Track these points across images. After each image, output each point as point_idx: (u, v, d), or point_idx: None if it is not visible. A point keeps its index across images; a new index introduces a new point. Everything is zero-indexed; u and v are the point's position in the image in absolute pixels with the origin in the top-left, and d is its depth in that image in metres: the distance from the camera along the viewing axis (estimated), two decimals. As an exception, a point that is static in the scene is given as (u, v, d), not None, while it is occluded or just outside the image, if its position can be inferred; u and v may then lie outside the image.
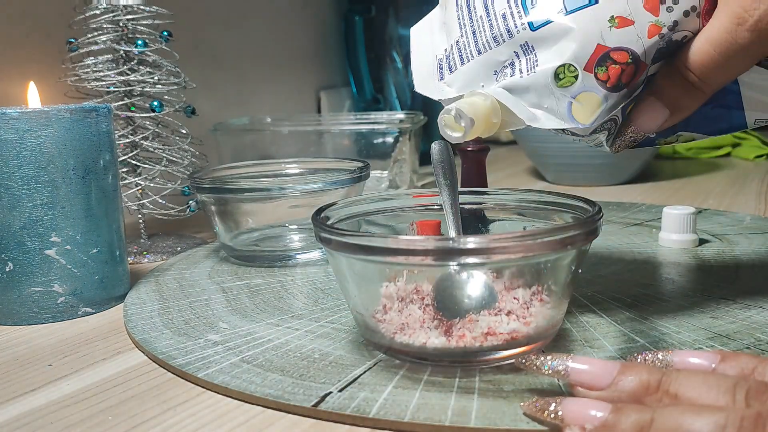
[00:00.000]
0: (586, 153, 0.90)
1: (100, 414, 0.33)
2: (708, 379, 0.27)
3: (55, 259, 0.46)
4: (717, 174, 0.99)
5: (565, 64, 0.35)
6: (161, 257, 0.62)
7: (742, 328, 0.39)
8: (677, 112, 0.37)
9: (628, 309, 0.43)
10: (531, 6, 0.36)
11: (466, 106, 0.37)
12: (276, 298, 0.48)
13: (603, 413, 0.27)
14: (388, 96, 1.21)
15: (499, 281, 0.37)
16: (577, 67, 0.35)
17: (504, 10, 0.37)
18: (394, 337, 0.35)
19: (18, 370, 0.39)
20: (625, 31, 0.34)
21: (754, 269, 0.51)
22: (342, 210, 0.42)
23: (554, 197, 0.42)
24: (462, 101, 0.37)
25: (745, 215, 0.68)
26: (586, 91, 0.35)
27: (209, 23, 1.00)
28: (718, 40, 0.34)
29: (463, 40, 0.39)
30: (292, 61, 1.17)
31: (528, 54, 0.36)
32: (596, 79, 0.35)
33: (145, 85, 0.62)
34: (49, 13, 0.76)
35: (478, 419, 0.30)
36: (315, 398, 0.33)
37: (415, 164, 0.93)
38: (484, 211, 0.45)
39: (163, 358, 0.38)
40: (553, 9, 0.35)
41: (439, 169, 0.43)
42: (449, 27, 0.41)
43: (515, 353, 0.34)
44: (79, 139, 0.46)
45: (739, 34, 0.33)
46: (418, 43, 0.43)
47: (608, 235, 0.62)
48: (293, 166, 0.65)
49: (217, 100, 1.00)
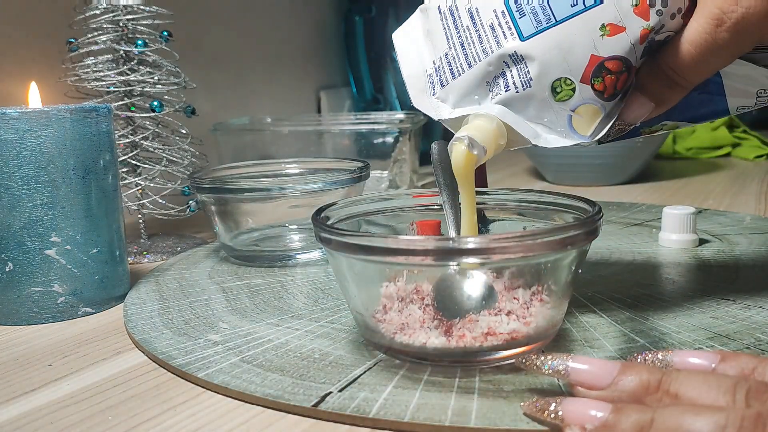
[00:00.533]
0: (586, 153, 0.90)
1: (100, 414, 0.33)
2: (708, 379, 0.27)
3: (55, 259, 0.46)
4: (717, 174, 0.99)
5: (562, 78, 0.35)
6: (161, 257, 0.62)
7: (742, 328, 0.39)
8: (661, 104, 0.37)
9: (628, 309, 0.43)
10: (519, 16, 0.36)
11: (477, 134, 0.36)
12: (276, 298, 0.48)
13: (603, 413, 0.27)
14: (388, 96, 1.21)
15: (499, 281, 0.37)
16: (573, 80, 0.35)
17: (491, 21, 0.36)
18: (394, 337, 0.35)
19: (18, 370, 0.39)
20: (617, 39, 0.34)
21: (754, 269, 0.51)
22: (342, 210, 0.42)
23: (554, 197, 0.42)
24: (470, 127, 0.37)
25: (745, 215, 0.68)
26: (585, 104, 0.35)
27: (209, 23, 1.00)
28: (697, 41, 0.34)
29: (452, 53, 0.39)
30: (292, 61, 1.17)
31: (518, 64, 0.36)
32: (593, 90, 0.35)
33: (145, 85, 0.62)
34: (49, 13, 0.76)
35: (478, 419, 0.30)
36: (315, 398, 0.33)
37: (415, 164, 0.93)
38: (484, 211, 0.45)
39: (163, 358, 0.38)
40: (542, 18, 0.35)
41: (439, 169, 0.43)
42: (434, 37, 0.40)
43: (515, 353, 0.34)
44: (79, 139, 0.46)
45: (718, 34, 0.34)
46: (405, 52, 0.42)
47: (608, 235, 0.62)
48: (293, 166, 0.65)
49: (217, 100, 1.00)
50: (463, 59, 0.38)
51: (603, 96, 0.35)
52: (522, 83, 0.36)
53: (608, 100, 0.35)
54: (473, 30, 0.37)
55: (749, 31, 0.33)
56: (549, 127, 0.37)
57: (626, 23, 0.34)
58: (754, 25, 0.33)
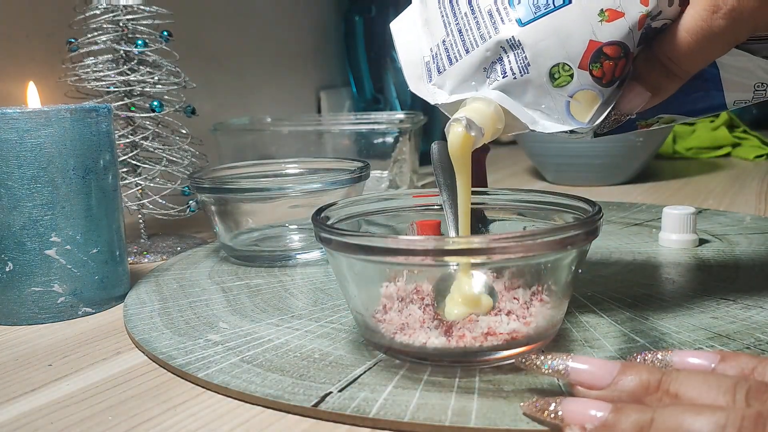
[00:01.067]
0: (586, 153, 0.90)
1: (100, 414, 0.33)
2: (708, 379, 0.27)
3: (55, 259, 0.46)
4: (717, 174, 0.99)
5: (560, 63, 0.35)
6: (161, 257, 0.62)
7: (742, 328, 0.39)
8: (657, 94, 0.37)
9: (628, 309, 0.43)
10: (517, 2, 0.36)
11: (475, 115, 0.36)
12: (276, 298, 0.48)
13: (603, 413, 0.27)
14: (388, 96, 1.21)
15: (499, 281, 0.37)
16: (571, 65, 0.35)
17: (489, 7, 0.36)
18: (394, 337, 0.35)
19: (18, 370, 0.39)
20: (616, 25, 0.34)
21: (754, 269, 0.51)
22: (342, 210, 0.42)
23: (554, 197, 0.42)
24: (468, 109, 0.37)
25: (745, 215, 0.68)
26: (583, 89, 0.35)
27: (209, 23, 1.00)
28: (694, 28, 0.34)
29: (450, 39, 0.38)
30: (292, 61, 1.17)
31: (515, 49, 0.36)
32: (591, 76, 0.35)
33: (145, 85, 0.62)
34: (49, 13, 0.76)
35: (478, 419, 0.30)
36: (315, 398, 0.33)
37: (415, 164, 0.93)
38: (484, 211, 0.45)
39: (163, 358, 0.38)
40: (540, 4, 0.35)
41: (439, 169, 0.43)
42: (432, 25, 0.40)
43: (515, 353, 0.34)
44: (79, 139, 0.46)
45: (714, 21, 0.34)
46: (402, 40, 0.42)
47: (608, 235, 0.62)
48: (293, 166, 0.65)
49: (217, 100, 1.00)
50: (461, 45, 0.38)
51: (601, 82, 0.35)
52: (519, 69, 0.36)
53: (606, 86, 0.35)
54: (471, 17, 0.37)
55: (744, 18, 0.33)
56: (547, 114, 0.37)
57: (625, 8, 0.34)
58: (748, 12, 0.33)
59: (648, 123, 0.40)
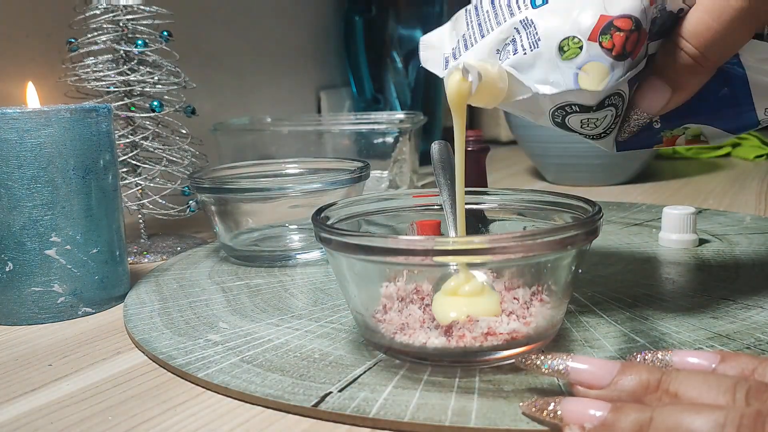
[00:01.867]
0: (586, 153, 0.90)
1: (100, 414, 0.34)
2: (708, 379, 0.27)
3: (55, 259, 0.46)
4: (717, 174, 0.99)
5: (569, 37, 0.35)
6: (161, 257, 0.62)
7: (742, 328, 0.39)
8: (679, 90, 0.36)
9: (628, 309, 0.43)
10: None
11: (473, 62, 0.36)
12: (276, 298, 0.48)
13: (602, 412, 0.27)
14: (388, 96, 1.21)
15: (499, 281, 0.37)
16: (581, 38, 0.35)
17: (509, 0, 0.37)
18: (394, 337, 0.35)
19: (18, 370, 0.39)
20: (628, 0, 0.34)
21: (754, 269, 0.51)
22: (342, 210, 0.42)
23: (554, 197, 0.42)
24: (469, 58, 0.37)
25: (745, 215, 0.68)
26: (592, 61, 0.35)
27: (209, 23, 1.00)
28: (712, 7, 0.34)
29: (469, 32, 0.39)
30: (292, 61, 1.17)
31: (528, 28, 0.36)
32: (601, 47, 0.34)
33: (145, 85, 0.62)
34: (49, 13, 0.76)
35: (478, 419, 0.30)
36: (315, 398, 0.33)
37: (415, 164, 0.93)
38: (484, 211, 0.45)
39: (163, 358, 0.38)
40: None
41: (439, 169, 0.43)
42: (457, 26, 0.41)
43: (515, 353, 0.34)
44: (79, 139, 0.46)
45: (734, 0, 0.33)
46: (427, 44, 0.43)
47: (608, 235, 0.62)
48: (293, 166, 0.65)
49: (217, 100, 1.01)
50: (478, 33, 0.39)
51: (611, 53, 0.35)
52: (530, 44, 0.36)
53: (617, 59, 0.35)
54: (491, 12, 0.38)
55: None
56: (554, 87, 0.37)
57: None
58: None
59: (673, 134, 0.40)
